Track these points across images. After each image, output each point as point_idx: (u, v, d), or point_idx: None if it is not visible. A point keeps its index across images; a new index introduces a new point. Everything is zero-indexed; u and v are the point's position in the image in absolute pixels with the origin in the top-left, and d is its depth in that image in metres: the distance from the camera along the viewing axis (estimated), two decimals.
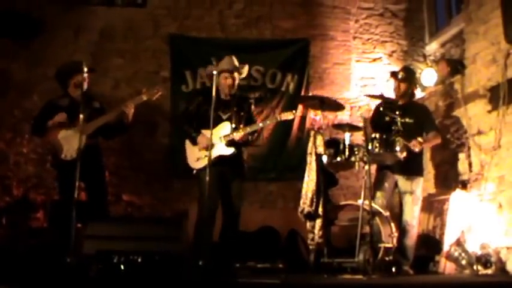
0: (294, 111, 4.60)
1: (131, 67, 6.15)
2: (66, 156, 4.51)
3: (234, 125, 4.51)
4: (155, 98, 4.76)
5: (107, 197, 4.94)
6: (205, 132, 4.52)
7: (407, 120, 4.70)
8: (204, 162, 4.49)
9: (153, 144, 5.90)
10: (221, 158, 4.38)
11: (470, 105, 5.28)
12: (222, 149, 4.42)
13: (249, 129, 4.49)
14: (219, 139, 4.43)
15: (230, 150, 4.44)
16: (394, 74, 5.05)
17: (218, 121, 4.46)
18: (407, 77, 4.91)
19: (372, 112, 5.21)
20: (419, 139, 4.55)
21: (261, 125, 4.68)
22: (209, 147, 4.35)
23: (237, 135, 4.42)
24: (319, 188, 4.57)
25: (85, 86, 4.69)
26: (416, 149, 4.53)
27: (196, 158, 4.55)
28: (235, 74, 4.60)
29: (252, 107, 4.78)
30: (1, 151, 5.87)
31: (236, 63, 4.62)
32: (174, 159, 5.73)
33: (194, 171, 4.58)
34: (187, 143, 4.63)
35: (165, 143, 5.92)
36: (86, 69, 4.63)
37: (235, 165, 4.52)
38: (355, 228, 4.25)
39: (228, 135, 4.43)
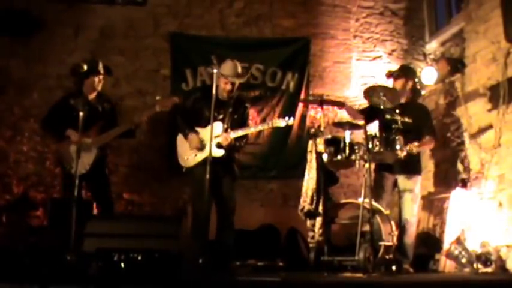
0: (286, 119, 4.58)
1: (131, 65, 6.15)
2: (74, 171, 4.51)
3: (225, 126, 4.50)
4: (170, 108, 4.77)
5: (112, 205, 4.95)
6: (198, 130, 4.53)
7: (406, 119, 4.69)
8: (192, 162, 4.50)
9: (153, 142, 5.90)
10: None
11: (471, 104, 5.29)
12: (212, 150, 4.38)
13: (240, 133, 4.47)
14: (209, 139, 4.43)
15: (220, 152, 4.43)
16: (390, 73, 5.04)
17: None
18: (402, 74, 4.91)
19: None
20: (415, 144, 4.52)
21: (252, 129, 4.65)
22: (200, 148, 4.39)
23: (224, 141, 4.41)
24: (320, 186, 4.57)
25: (99, 87, 4.76)
26: (414, 150, 4.53)
27: (186, 156, 4.56)
28: (236, 80, 4.58)
29: (248, 111, 4.75)
30: (1, 149, 5.87)
31: (239, 69, 4.60)
32: (173, 158, 5.71)
33: (184, 169, 4.58)
34: (180, 138, 4.63)
35: (165, 141, 5.91)
36: (102, 71, 4.71)
37: (226, 163, 4.52)
38: (355, 226, 4.25)
39: (218, 135, 4.42)
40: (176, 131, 4.74)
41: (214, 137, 4.36)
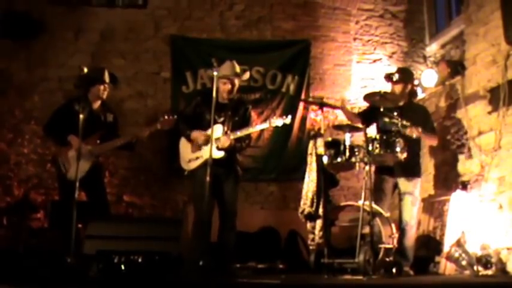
0: (284, 118, 4.59)
1: (132, 68, 6.16)
2: (72, 177, 4.49)
3: (225, 129, 4.51)
4: (170, 127, 4.77)
5: (108, 208, 4.96)
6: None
7: (404, 122, 4.69)
8: (195, 165, 4.52)
9: (153, 144, 5.90)
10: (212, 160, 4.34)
11: (471, 107, 5.29)
12: (212, 152, 4.38)
13: (239, 134, 4.48)
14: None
15: (220, 154, 4.43)
16: (388, 77, 5.04)
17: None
18: (401, 78, 4.88)
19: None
20: (419, 129, 4.55)
21: (251, 129, 4.64)
22: (206, 141, 4.38)
23: (222, 144, 4.42)
24: (320, 188, 4.57)
25: (104, 95, 4.80)
26: (414, 135, 4.54)
27: (188, 159, 4.57)
28: (235, 80, 4.59)
29: (249, 112, 4.74)
30: (2, 151, 5.87)
31: (237, 69, 4.60)
32: (173, 160, 5.73)
33: (186, 172, 4.60)
34: (182, 142, 4.65)
35: (165, 143, 5.92)
36: (108, 79, 4.72)
37: (228, 166, 4.52)
38: (355, 228, 4.24)
39: (218, 138, 4.43)
40: (177, 134, 4.75)
41: (215, 139, 4.37)
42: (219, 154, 4.43)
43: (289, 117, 4.64)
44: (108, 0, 6.17)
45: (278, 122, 4.57)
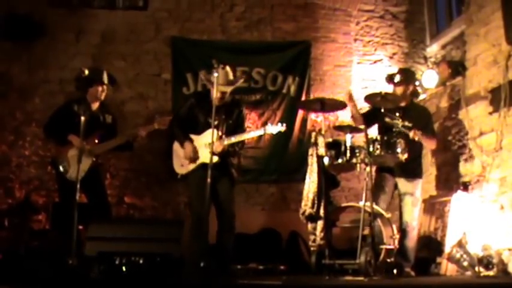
0: (279, 125, 4.59)
1: (132, 70, 6.17)
2: (71, 177, 4.53)
3: (219, 133, 4.51)
4: (167, 126, 4.80)
5: (110, 209, 4.97)
6: (194, 138, 4.54)
7: (406, 124, 4.69)
8: (187, 169, 4.55)
9: (154, 146, 5.91)
10: (206, 164, 4.34)
11: (472, 107, 5.29)
12: (206, 157, 4.38)
13: (233, 140, 4.49)
14: (204, 146, 4.44)
15: (214, 158, 4.43)
16: (390, 78, 5.04)
17: (206, 127, 4.45)
18: (403, 80, 4.89)
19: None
20: (419, 132, 4.56)
21: (245, 136, 4.64)
22: (193, 159, 4.44)
23: (215, 149, 4.41)
24: (321, 189, 4.56)
25: (103, 96, 4.81)
26: (416, 138, 4.55)
27: (181, 163, 4.58)
28: (227, 89, 4.57)
29: (243, 114, 4.75)
30: (3, 154, 5.88)
31: (230, 76, 4.61)
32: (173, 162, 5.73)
33: (178, 176, 4.60)
34: (175, 145, 4.66)
35: (166, 145, 5.90)
36: (106, 81, 4.74)
37: (223, 168, 4.52)
38: (356, 229, 4.24)
39: (212, 143, 4.42)
40: (172, 136, 4.76)
41: (209, 144, 4.35)
42: (212, 159, 4.42)
43: (285, 125, 4.63)
44: (108, 2, 6.18)
45: (273, 129, 4.58)
